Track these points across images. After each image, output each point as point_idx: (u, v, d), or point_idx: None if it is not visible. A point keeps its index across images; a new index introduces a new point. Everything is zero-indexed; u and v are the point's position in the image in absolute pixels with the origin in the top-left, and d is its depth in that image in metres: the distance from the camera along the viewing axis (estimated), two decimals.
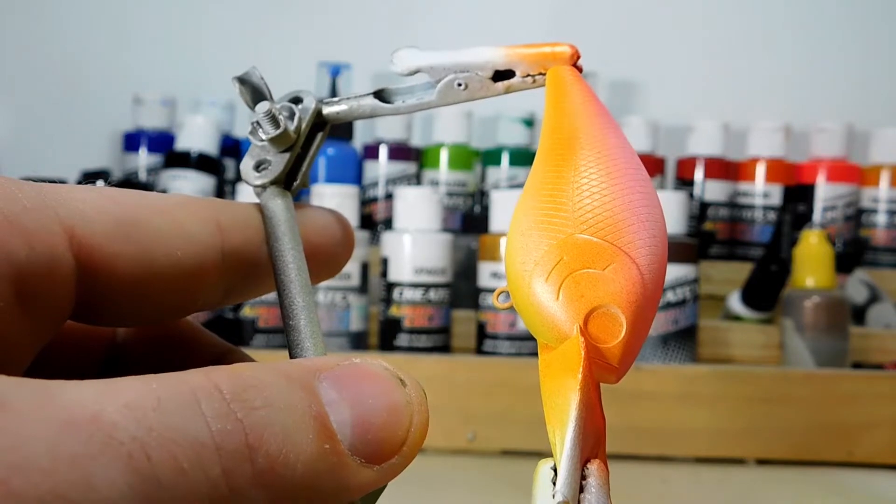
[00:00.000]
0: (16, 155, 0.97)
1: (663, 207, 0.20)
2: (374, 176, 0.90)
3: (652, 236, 0.18)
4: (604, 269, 0.17)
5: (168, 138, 0.89)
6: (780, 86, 1.05)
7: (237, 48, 1.03)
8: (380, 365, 0.17)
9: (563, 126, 0.20)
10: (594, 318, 0.17)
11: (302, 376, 0.16)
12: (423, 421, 0.16)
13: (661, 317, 0.70)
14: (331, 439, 0.15)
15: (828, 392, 0.63)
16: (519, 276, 0.18)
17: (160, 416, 0.14)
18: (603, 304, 0.17)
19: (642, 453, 0.63)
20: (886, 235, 0.92)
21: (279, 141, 0.23)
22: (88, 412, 0.13)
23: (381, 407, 0.16)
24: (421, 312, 0.68)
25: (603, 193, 0.18)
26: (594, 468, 0.17)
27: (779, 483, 0.60)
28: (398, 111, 0.23)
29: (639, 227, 0.18)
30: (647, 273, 0.18)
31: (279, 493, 0.14)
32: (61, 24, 1.03)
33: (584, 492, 0.16)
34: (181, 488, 0.13)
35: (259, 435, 0.14)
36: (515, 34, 1.05)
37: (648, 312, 0.18)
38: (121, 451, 0.13)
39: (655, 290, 0.18)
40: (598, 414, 0.17)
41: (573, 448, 0.16)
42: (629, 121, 0.92)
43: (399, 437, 0.16)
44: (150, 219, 0.19)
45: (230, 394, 0.15)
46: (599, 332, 0.17)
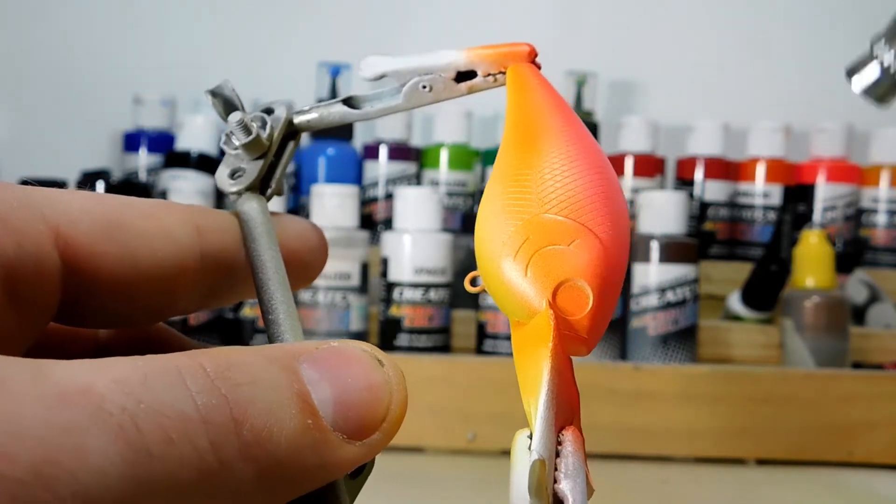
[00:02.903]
0: (16, 155, 0.97)
1: (663, 207, 0.20)
2: (374, 176, 0.90)
3: (612, 213, 0.19)
4: (569, 245, 0.18)
5: (168, 138, 0.89)
6: (780, 86, 1.05)
7: (237, 48, 1.03)
8: (358, 347, 0.17)
9: (526, 119, 0.21)
10: (562, 292, 0.18)
11: (283, 358, 0.16)
12: (402, 399, 0.17)
13: (661, 317, 0.70)
14: (313, 415, 0.16)
15: (828, 392, 0.63)
16: (488, 258, 0.19)
17: (147, 390, 0.14)
18: (569, 277, 0.18)
19: (642, 453, 0.63)
20: (886, 235, 0.92)
21: (252, 148, 0.23)
22: (79, 386, 0.14)
23: (361, 386, 0.17)
24: (421, 312, 0.68)
25: (565, 176, 0.19)
26: (569, 434, 0.17)
27: (779, 483, 0.60)
28: (366, 116, 0.24)
29: (600, 204, 0.19)
30: (611, 247, 0.18)
31: (265, 467, 0.15)
32: (61, 24, 1.03)
33: (560, 456, 0.17)
34: (171, 459, 0.14)
35: (243, 409, 0.15)
36: (516, 34, 1.04)
37: (614, 284, 0.18)
38: (111, 421, 0.13)
39: (619, 262, 0.19)
40: (570, 385, 0.18)
41: (546, 410, 0.16)
42: (629, 121, 0.92)
43: (379, 414, 0.17)
44: (133, 220, 0.19)
45: (214, 371, 0.15)
46: (567, 304, 0.18)
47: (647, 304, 0.70)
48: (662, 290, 0.70)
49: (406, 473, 0.58)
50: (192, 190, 0.72)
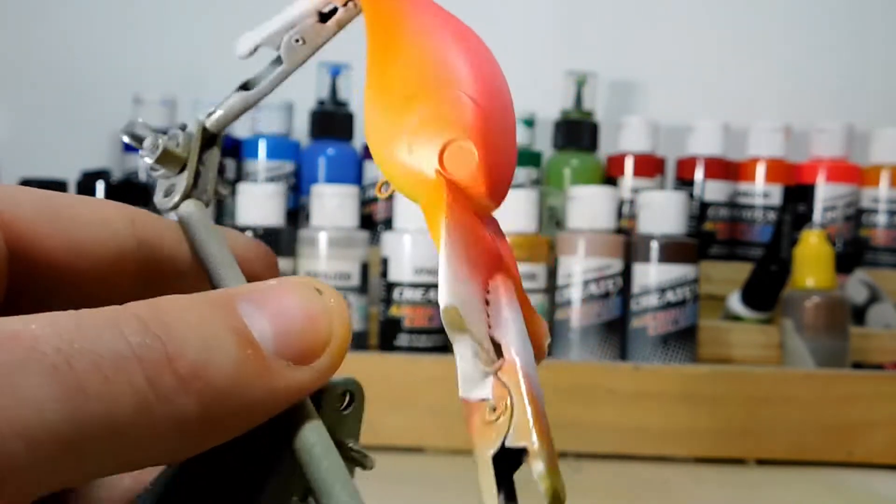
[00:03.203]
0: (16, 155, 0.97)
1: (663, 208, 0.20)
2: (374, 176, 0.90)
3: (478, 68, 0.19)
4: (439, 112, 0.19)
5: None
6: (780, 86, 1.05)
7: (237, 48, 1.03)
8: (295, 279, 0.18)
9: (378, 21, 0.22)
10: (447, 157, 0.18)
11: (220, 297, 0.17)
12: (344, 322, 0.17)
13: (661, 317, 0.70)
14: (252, 346, 0.16)
15: (828, 392, 0.63)
16: (379, 157, 0.19)
17: (81, 333, 0.15)
18: (448, 140, 0.18)
19: (642, 453, 0.63)
20: (886, 235, 0.92)
21: (167, 162, 0.23)
22: (10, 332, 0.14)
23: (299, 314, 0.17)
24: (421, 312, 0.68)
25: (421, 56, 0.20)
26: (498, 282, 0.18)
27: (779, 483, 0.60)
28: (262, 93, 0.24)
29: (462, 65, 0.19)
30: (482, 98, 0.19)
31: (208, 399, 0.15)
32: (61, 24, 1.03)
33: (490, 305, 0.17)
34: (107, 396, 0.14)
35: (178, 347, 0.15)
36: (516, 34, 1.05)
37: (497, 135, 0.19)
38: (45, 361, 0.14)
39: (497, 113, 0.19)
40: (484, 238, 0.18)
41: (448, 262, 0.17)
42: (629, 121, 0.92)
43: (321, 337, 0.17)
44: (74, 206, 0.20)
45: (147, 315, 0.16)
46: (456, 165, 0.18)
47: (647, 304, 0.70)
48: (662, 290, 0.70)
49: (406, 473, 0.58)
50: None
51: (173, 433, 0.15)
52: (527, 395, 0.16)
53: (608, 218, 0.72)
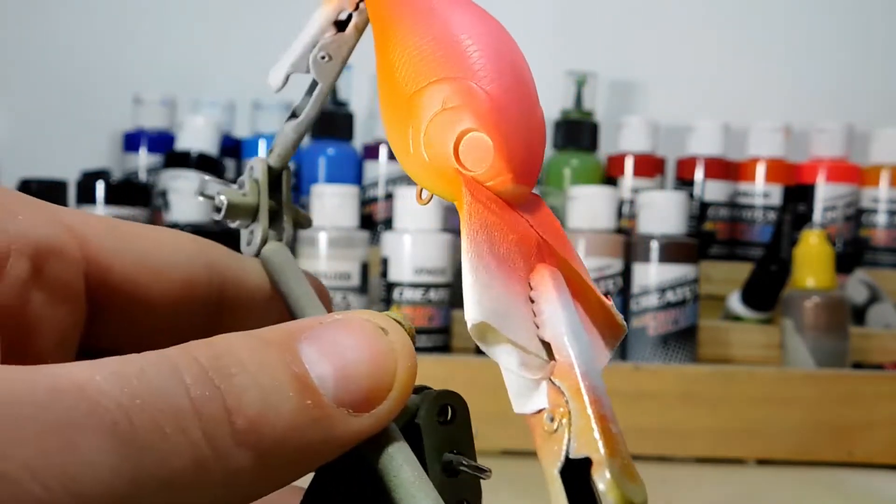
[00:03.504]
0: (16, 155, 0.97)
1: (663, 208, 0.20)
2: (374, 176, 0.90)
3: (487, 48, 0.18)
4: (444, 107, 0.17)
5: (168, 138, 0.89)
6: (780, 86, 1.05)
7: (237, 48, 1.03)
8: (360, 317, 0.17)
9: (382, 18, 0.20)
10: (463, 153, 0.17)
11: (281, 338, 0.16)
12: (410, 364, 0.17)
13: (661, 317, 0.70)
14: (313, 394, 0.16)
15: (828, 392, 0.63)
16: (402, 161, 0.18)
17: (143, 384, 0.14)
18: (459, 134, 0.17)
19: (642, 453, 0.63)
20: (886, 235, 0.92)
21: (239, 214, 0.24)
22: (77, 381, 0.14)
23: (363, 358, 0.16)
24: (421, 312, 0.68)
25: (421, 44, 0.18)
26: (544, 274, 0.16)
27: (779, 483, 0.60)
28: (308, 116, 0.24)
29: (468, 48, 0.18)
30: (493, 79, 0.17)
31: (265, 451, 0.15)
32: (61, 23, 1.03)
33: (536, 302, 0.16)
34: (163, 451, 0.14)
35: (236, 397, 0.15)
36: (516, 34, 1.04)
37: (516, 115, 0.17)
38: (106, 417, 0.14)
39: (513, 91, 0.18)
40: (517, 228, 0.17)
41: (473, 270, 0.16)
42: (629, 121, 0.92)
43: (384, 384, 0.16)
44: (143, 232, 0.20)
45: (208, 362, 0.15)
46: (473, 159, 0.17)
47: (647, 304, 0.70)
48: (662, 290, 0.70)
49: None
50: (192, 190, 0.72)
51: (226, 485, 0.15)
52: (586, 397, 0.15)
53: (608, 218, 0.72)
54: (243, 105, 0.93)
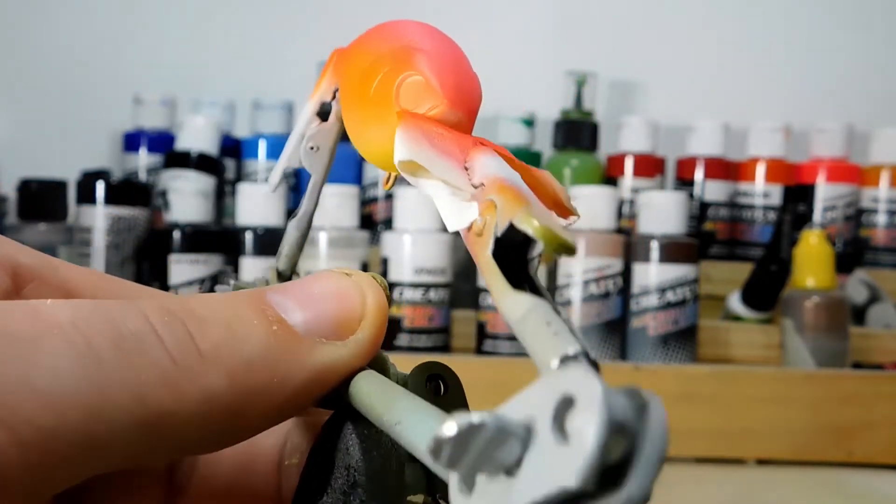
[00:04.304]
0: (16, 155, 0.97)
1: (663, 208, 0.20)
2: (375, 176, 0.90)
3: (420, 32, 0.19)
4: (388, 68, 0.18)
5: (168, 138, 0.89)
6: (780, 86, 1.05)
7: (237, 48, 1.03)
8: (324, 270, 0.18)
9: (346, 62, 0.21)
10: (402, 96, 0.18)
11: (250, 293, 0.17)
12: (379, 299, 0.17)
13: (661, 317, 0.70)
14: (278, 322, 0.16)
15: (828, 392, 0.63)
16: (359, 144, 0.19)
17: (98, 310, 0.14)
18: (398, 82, 0.18)
19: None
20: (886, 235, 0.92)
21: None
22: (29, 306, 0.14)
23: (327, 291, 0.17)
24: (421, 312, 0.68)
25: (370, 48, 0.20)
26: (475, 150, 0.16)
27: (779, 483, 0.60)
28: (307, 210, 0.25)
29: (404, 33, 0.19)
30: (427, 45, 0.18)
31: (235, 371, 0.15)
32: (61, 23, 1.03)
33: (469, 166, 0.16)
34: (125, 365, 0.14)
35: (198, 325, 0.15)
36: (516, 34, 1.05)
37: (443, 63, 0.18)
38: (61, 334, 0.14)
39: (442, 52, 0.19)
40: (450, 133, 0.17)
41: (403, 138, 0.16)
42: (629, 121, 0.92)
43: (353, 312, 0.17)
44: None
45: (172, 304, 0.15)
46: (410, 97, 0.18)
47: (647, 304, 0.70)
48: (662, 290, 0.70)
49: None
50: (192, 190, 0.72)
51: (204, 409, 0.15)
52: (511, 187, 0.15)
53: (608, 218, 0.72)
54: (243, 105, 0.93)
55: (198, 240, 0.70)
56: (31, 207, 0.79)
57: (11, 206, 0.85)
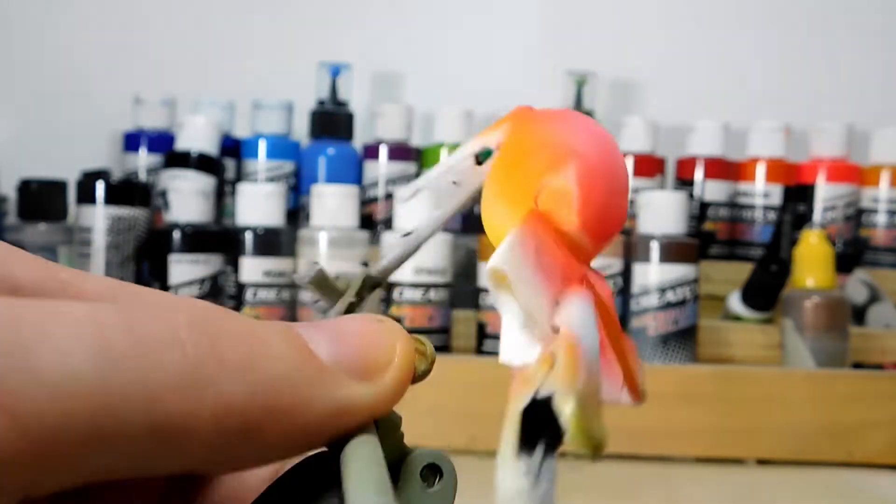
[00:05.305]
0: (16, 155, 0.97)
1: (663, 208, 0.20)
2: (374, 176, 0.90)
3: (588, 133, 0.18)
4: (544, 166, 0.18)
5: (168, 138, 0.89)
6: (780, 86, 1.05)
7: (237, 48, 1.03)
8: (361, 313, 0.18)
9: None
10: (542, 197, 0.17)
11: (279, 322, 0.16)
12: (408, 349, 0.17)
13: (661, 317, 0.70)
14: (305, 349, 0.15)
15: (828, 392, 0.63)
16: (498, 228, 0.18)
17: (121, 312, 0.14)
18: (544, 183, 0.17)
19: (642, 453, 0.63)
20: (886, 235, 0.92)
21: (324, 289, 0.24)
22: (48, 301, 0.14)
23: (358, 331, 0.16)
24: (421, 312, 0.68)
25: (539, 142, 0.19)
26: (576, 290, 0.16)
27: (779, 483, 0.60)
28: (420, 237, 0.24)
29: (571, 133, 0.18)
30: (587, 151, 0.18)
31: (256, 384, 0.14)
32: (61, 24, 1.03)
33: (560, 304, 0.16)
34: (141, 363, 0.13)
35: (227, 336, 0.15)
36: (517, 34, 1.05)
37: (600, 183, 0.18)
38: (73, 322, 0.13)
39: (604, 167, 0.18)
40: (564, 256, 0.17)
41: (510, 248, 0.16)
42: (629, 121, 0.92)
43: (383, 354, 0.16)
44: None
45: (198, 315, 0.15)
46: (549, 200, 0.17)
47: (647, 304, 0.70)
48: (662, 290, 0.70)
49: None
50: (192, 190, 0.72)
51: (219, 420, 0.14)
52: (577, 353, 0.14)
53: None
54: (243, 105, 0.93)
55: (198, 240, 0.70)
56: (31, 207, 0.79)
57: (11, 206, 0.85)
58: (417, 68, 1.03)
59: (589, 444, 0.13)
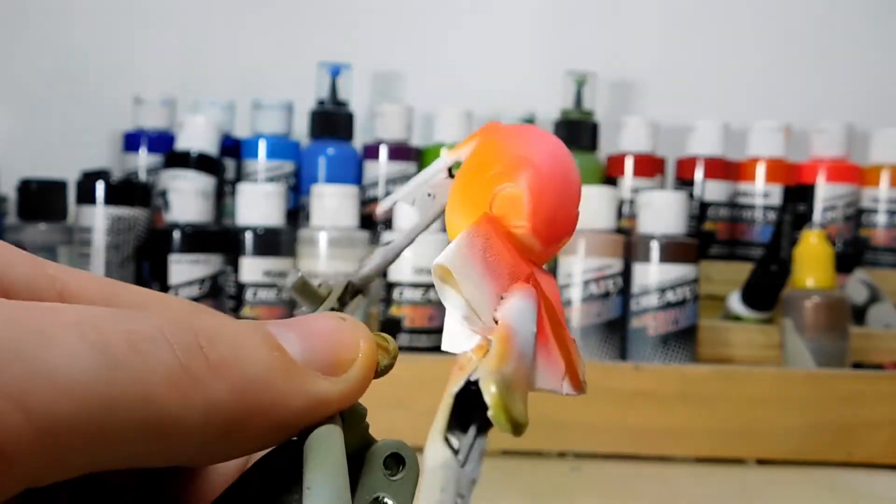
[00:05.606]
0: (16, 155, 0.97)
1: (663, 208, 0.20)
2: (374, 176, 0.90)
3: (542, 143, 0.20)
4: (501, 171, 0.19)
5: (168, 138, 0.89)
6: (780, 86, 1.05)
7: (237, 48, 1.03)
8: (322, 313, 0.19)
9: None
10: (496, 202, 0.19)
11: (253, 322, 0.18)
12: (371, 345, 0.18)
13: (661, 317, 0.70)
14: (279, 349, 0.17)
15: (828, 392, 0.63)
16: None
17: (114, 316, 0.15)
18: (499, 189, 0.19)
19: (642, 453, 0.63)
20: (886, 235, 0.92)
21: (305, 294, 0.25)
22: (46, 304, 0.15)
23: (325, 330, 0.18)
24: (421, 312, 0.68)
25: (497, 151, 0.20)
26: (516, 286, 0.17)
27: (779, 483, 0.60)
28: (398, 246, 0.26)
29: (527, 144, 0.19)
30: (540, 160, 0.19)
31: (239, 385, 0.16)
32: (61, 24, 1.03)
33: (504, 299, 0.17)
34: (136, 364, 0.15)
35: (209, 339, 0.16)
36: (516, 34, 1.05)
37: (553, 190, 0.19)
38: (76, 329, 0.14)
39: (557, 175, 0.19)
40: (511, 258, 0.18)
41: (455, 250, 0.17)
42: (629, 121, 0.92)
43: (349, 351, 0.18)
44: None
45: (182, 317, 0.16)
46: (502, 205, 0.18)
47: (647, 304, 0.70)
48: (662, 290, 0.70)
49: None
50: (192, 190, 0.72)
51: (206, 417, 0.15)
52: (512, 347, 0.15)
53: (608, 218, 0.72)
54: (243, 105, 0.93)
55: (198, 240, 0.70)
56: (31, 207, 0.79)
57: (11, 206, 0.85)
58: (417, 68, 1.03)
59: (509, 424, 0.14)
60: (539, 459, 0.61)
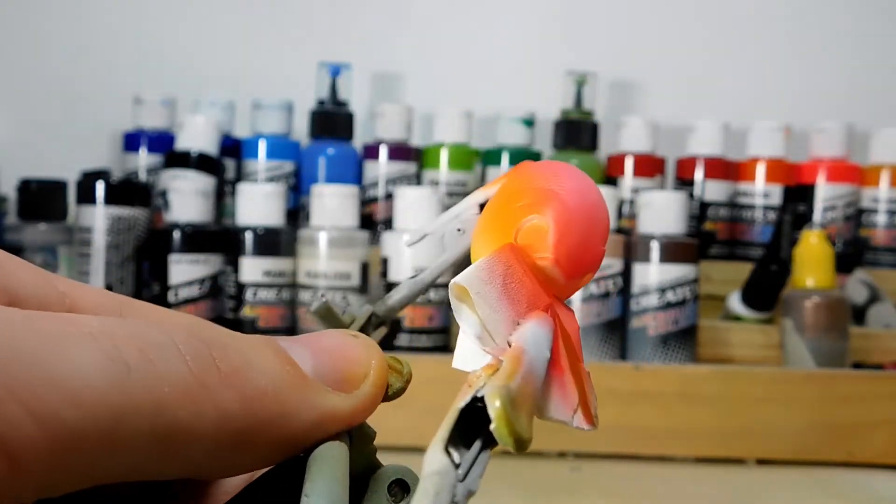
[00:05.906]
0: (16, 155, 0.97)
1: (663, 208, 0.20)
2: (374, 176, 0.90)
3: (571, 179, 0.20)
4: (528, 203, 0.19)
5: (168, 138, 0.89)
6: (780, 86, 1.05)
7: (237, 48, 1.03)
8: (333, 330, 0.19)
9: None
10: (521, 233, 0.19)
11: (264, 337, 0.18)
12: (382, 362, 0.18)
13: (661, 317, 0.70)
14: (291, 363, 0.17)
15: (828, 392, 0.63)
16: None
17: (127, 325, 0.15)
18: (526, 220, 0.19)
19: (642, 453, 0.63)
20: (886, 235, 0.92)
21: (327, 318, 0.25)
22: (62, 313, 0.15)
23: (336, 345, 0.18)
24: (421, 312, 0.68)
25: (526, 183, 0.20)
26: (534, 314, 0.17)
27: (779, 483, 0.60)
28: (425, 280, 0.26)
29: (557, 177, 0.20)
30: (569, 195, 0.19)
31: (249, 397, 0.16)
32: (61, 23, 1.03)
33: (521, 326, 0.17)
34: (151, 374, 0.15)
35: (221, 349, 0.16)
36: (516, 34, 1.05)
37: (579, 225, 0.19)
38: (90, 337, 0.14)
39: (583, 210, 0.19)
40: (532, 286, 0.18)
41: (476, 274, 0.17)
42: (629, 121, 0.92)
43: (360, 367, 0.18)
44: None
45: (195, 329, 0.16)
46: (527, 236, 0.19)
47: (647, 304, 0.70)
48: (662, 290, 0.70)
49: None
50: (192, 190, 0.72)
51: (217, 429, 0.15)
52: (522, 367, 0.16)
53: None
54: (243, 105, 0.93)
55: (198, 240, 0.70)
56: (31, 207, 0.79)
57: (11, 206, 0.85)
58: (417, 68, 1.03)
59: (511, 438, 0.14)
60: (539, 459, 0.61)
